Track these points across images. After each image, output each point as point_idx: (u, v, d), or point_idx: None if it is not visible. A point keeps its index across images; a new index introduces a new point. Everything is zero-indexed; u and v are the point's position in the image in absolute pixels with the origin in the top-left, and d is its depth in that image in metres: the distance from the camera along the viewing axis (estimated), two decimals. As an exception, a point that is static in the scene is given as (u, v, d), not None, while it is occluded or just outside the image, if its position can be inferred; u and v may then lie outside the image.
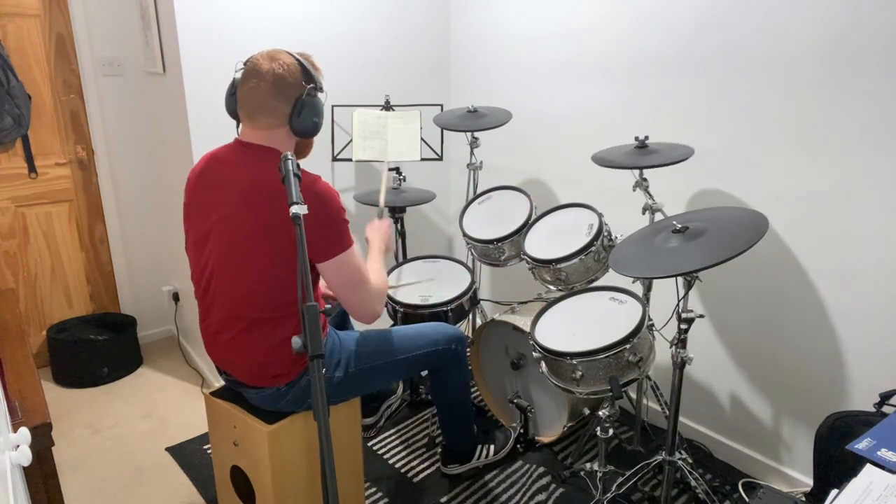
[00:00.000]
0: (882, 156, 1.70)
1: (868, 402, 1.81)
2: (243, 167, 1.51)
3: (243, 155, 1.53)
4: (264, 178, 1.48)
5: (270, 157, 1.51)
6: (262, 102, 1.49)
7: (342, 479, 1.80)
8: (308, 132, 1.54)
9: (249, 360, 1.57)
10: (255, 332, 1.54)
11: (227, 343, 1.59)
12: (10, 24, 2.59)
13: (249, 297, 1.52)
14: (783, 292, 1.98)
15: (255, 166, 1.50)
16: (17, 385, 1.52)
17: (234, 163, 1.54)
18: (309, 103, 1.51)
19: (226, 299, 1.56)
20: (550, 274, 2.02)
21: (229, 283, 1.54)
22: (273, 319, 1.54)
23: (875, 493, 0.93)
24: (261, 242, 1.49)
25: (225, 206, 1.52)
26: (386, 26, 2.81)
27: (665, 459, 1.85)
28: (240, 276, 1.52)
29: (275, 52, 1.51)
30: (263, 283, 1.51)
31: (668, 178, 2.21)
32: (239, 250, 1.51)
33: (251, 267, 1.51)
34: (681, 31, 2.09)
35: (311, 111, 1.52)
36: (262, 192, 1.47)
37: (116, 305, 3.11)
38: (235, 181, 1.51)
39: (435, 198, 2.61)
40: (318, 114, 1.55)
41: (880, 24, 1.65)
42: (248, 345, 1.56)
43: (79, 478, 2.17)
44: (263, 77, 1.48)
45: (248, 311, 1.53)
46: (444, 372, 1.94)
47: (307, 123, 1.52)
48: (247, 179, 1.50)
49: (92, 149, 2.87)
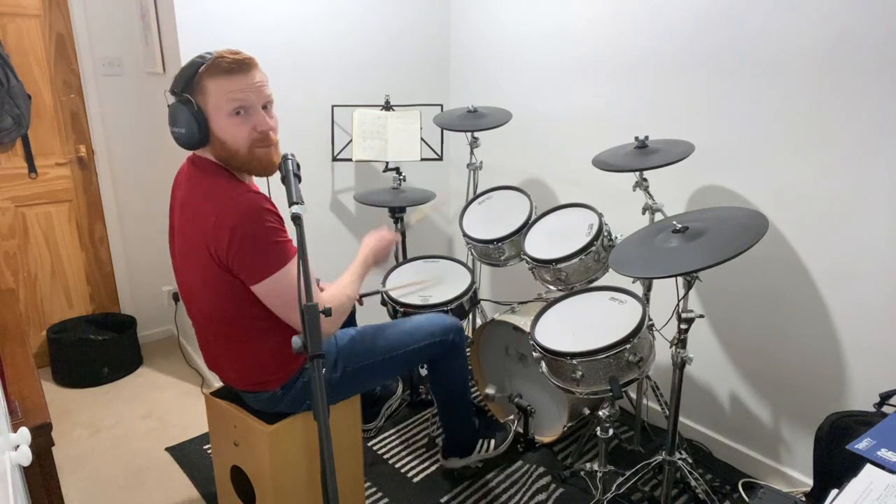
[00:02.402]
0: (882, 155, 1.70)
1: (868, 402, 1.81)
2: (182, 186, 1.51)
3: (186, 170, 1.52)
4: (188, 200, 1.45)
5: (198, 173, 1.46)
6: None
7: (342, 479, 1.80)
8: (178, 143, 1.42)
9: (235, 368, 1.58)
10: (233, 345, 1.53)
11: (216, 352, 1.60)
12: (10, 24, 2.59)
13: (210, 319, 1.52)
14: (783, 292, 1.98)
15: (186, 186, 1.48)
16: (17, 385, 1.52)
17: (181, 178, 1.53)
18: (171, 109, 1.40)
19: (199, 315, 1.56)
20: (550, 274, 2.02)
21: (194, 304, 1.54)
22: (242, 335, 1.51)
23: (875, 493, 0.93)
24: (193, 270, 1.47)
25: (175, 226, 1.52)
26: (386, 26, 2.81)
27: (665, 459, 1.85)
28: (195, 301, 1.52)
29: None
30: (209, 310, 1.49)
31: (668, 177, 2.21)
32: (185, 277, 1.51)
33: (196, 294, 1.50)
34: (681, 31, 2.09)
35: (171, 118, 1.40)
36: (186, 216, 1.44)
37: (116, 305, 3.11)
38: (177, 202, 1.51)
39: (435, 198, 2.61)
40: (177, 121, 1.39)
41: (880, 25, 1.65)
42: (230, 356, 1.56)
43: (79, 478, 2.17)
44: None
45: (217, 325, 1.52)
46: (443, 363, 1.92)
47: (171, 132, 1.42)
48: (181, 201, 1.48)
49: (92, 149, 2.87)
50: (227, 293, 1.43)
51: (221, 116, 1.40)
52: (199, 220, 1.40)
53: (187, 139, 1.40)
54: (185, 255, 1.48)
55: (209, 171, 1.45)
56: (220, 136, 1.41)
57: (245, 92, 1.39)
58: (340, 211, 2.89)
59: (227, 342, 1.53)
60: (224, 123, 1.40)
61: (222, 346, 1.55)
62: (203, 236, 1.39)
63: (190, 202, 1.44)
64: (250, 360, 1.54)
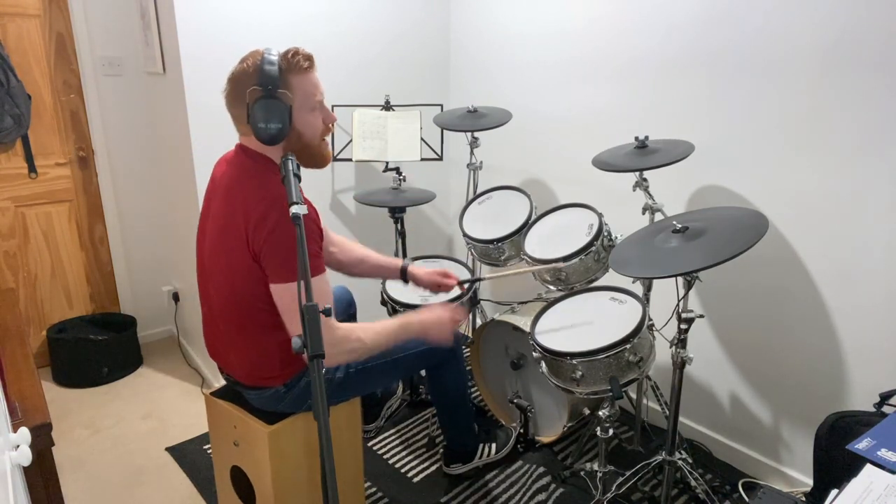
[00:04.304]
0: (882, 156, 1.70)
1: (868, 402, 1.81)
2: (227, 172, 1.52)
3: (235, 158, 1.54)
4: (235, 185, 1.47)
5: (252, 164, 1.49)
6: (228, 108, 1.48)
7: (342, 480, 1.80)
8: (262, 138, 1.41)
9: (242, 358, 1.58)
10: (244, 334, 1.54)
11: (224, 342, 1.61)
12: (10, 24, 2.59)
13: (230, 303, 1.53)
14: (783, 292, 1.98)
15: (235, 172, 1.49)
16: (17, 385, 1.52)
17: (226, 166, 1.55)
18: (260, 106, 1.39)
19: (216, 301, 1.57)
20: (550, 274, 2.02)
21: (215, 286, 1.55)
22: (255, 325, 1.52)
23: (875, 493, 0.93)
24: (221, 251, 1.49)
25: (214, 209, 1.53)
26: (386, 26, 2.81)
27: (665, 459, 1.85)
28: (214, 283, 1.54)
29: (252, 52, 1.46)
30: (227, 293, 1.51)
31: (668, 178, 2.21)
32: (211, 258, 1.53)
33: (218, 276, 1.52)
34: (681, 31, 2.09)
35: (261, 115, 1.39)
36: (231, 199, 1.46)
37: (116, 305, 3.11)
38: (220, 186, 1.52)
39: (435, 198, 2.61)
40: (268, 118, 1.40)
41: (880, 25, 1.65)
42: (239, 344, 1.57)
43: (79, 478, 2.17)
44: (228, 81, 1.46)
45: (232, 315, 1.53)
46: (441, 370, 1.93)
47: (257, 128, 1.40)
48: (226, 185, 1.50)
49: (92, 149, 2.87)
50: (249, 280, 1.46)
51: (305, 111, 1.47)
52: (247, 206, 1.42)
53: (278, 133, 1.42)
54: (218, 237, 1.49)
55: (265, 166, 1.49)
56: (299, 130, 1.47)
57: (319, 88, 1.50)
58: (340, 211, 2.89)
59: (238, 331, 1.54)
60: (307, 118, 1.48)
61: (232, 335, 1.55)
62: (245, 222, 1.42)
63: (240, 190, 1.46)
64: (257, 352, 1.55)
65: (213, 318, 1.61)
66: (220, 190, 1.52)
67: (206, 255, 1.57)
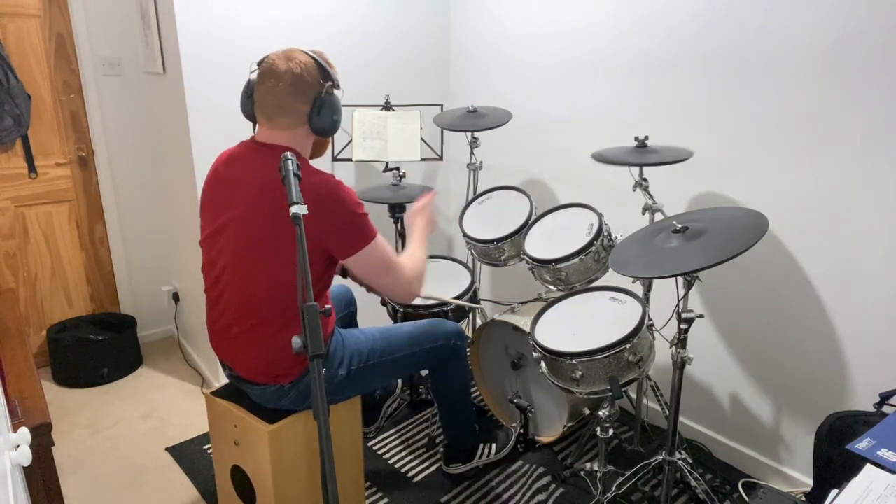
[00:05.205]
0: (882, 156, 1.70)
1: (868, 402, 1.81)
2: (259, 167, 1.52)
3: (259, 154, 1.54)
4: (278, 178, 1.48)
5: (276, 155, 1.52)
6: (281, 102, 1.50)
7: (342, 479, 1.80)
8: (327, 130, 1.56)
9: (253, 356, 1.58)
10: (261, 331, 1.55)
11: (235, 338, 1.60)
12: (10, 24, 2.59)
13: (257, 297, 1.53)
14: (783, 292, 1.98)
15: (271, 166, 1.50)
16: (17, 385, 1.52)
17: (251, 162, 1.55)
18: (328, 101, 1.53)
19: (236, 296, 1.57)
20: (550, 274, 2.02)
21: (240, 279, 1.55)
22: (279, 321, 1.54)
23: (875, 493, 0.93)
24: (269, 243, 1.50)
25: (240, 204, 1.53)
26: (386, 26, 2.81)
27: (665, 459, 1.85)
28: (249, 275, 1.54)
29: (290, 51, 1.52)
30: (269, 285, 1.52)
31: (668, 178, 2.21)
32: (250, 249, 1.52)
33: (259, 267, 1.52)
34: (681, 32, 2.09)
35: (330, 109, 1.54)
36: (277, 192, 1.49)
37: (116, 305, 3.11)
38: (251, 180, 1.52)
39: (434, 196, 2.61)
40: (337, 111, 1.56)
41: (880, 25, 1.65)
42: (254, 342, 1.57)
43: (79, 478, 2.17)
44: (282, 77, 1.49)
45: (255, 309, 1.54)
46: (444, 368, 1.94)
47: (326, 122, 1.54)
48: (262, 179, 1.51)
49: (92, 149, 2.87)
50: (296, 275, 1.50)
51: None
52: (303, 194, 1.44)
53: (337, 125, 1.58)
54: (261, 233, 1.50)
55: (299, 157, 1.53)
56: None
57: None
58: (340, 211, 2.89)
59: (260, 325, 1.55)
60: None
61: (252, 328, 1.56)
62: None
63: (278, 183, 1.48)
64: (269, 349, 1.56)
65: (224, 315, 1.60)
66: (251, 186, 1.52)
67: (227, 252, 1.56)
